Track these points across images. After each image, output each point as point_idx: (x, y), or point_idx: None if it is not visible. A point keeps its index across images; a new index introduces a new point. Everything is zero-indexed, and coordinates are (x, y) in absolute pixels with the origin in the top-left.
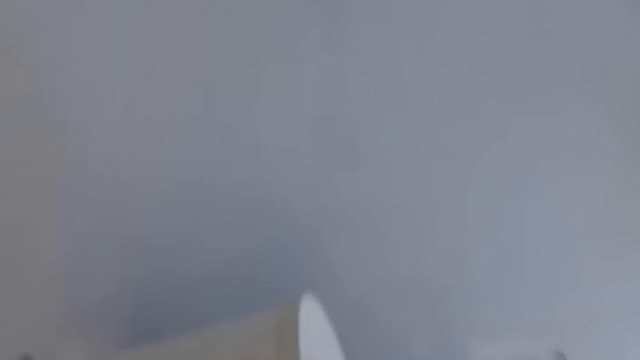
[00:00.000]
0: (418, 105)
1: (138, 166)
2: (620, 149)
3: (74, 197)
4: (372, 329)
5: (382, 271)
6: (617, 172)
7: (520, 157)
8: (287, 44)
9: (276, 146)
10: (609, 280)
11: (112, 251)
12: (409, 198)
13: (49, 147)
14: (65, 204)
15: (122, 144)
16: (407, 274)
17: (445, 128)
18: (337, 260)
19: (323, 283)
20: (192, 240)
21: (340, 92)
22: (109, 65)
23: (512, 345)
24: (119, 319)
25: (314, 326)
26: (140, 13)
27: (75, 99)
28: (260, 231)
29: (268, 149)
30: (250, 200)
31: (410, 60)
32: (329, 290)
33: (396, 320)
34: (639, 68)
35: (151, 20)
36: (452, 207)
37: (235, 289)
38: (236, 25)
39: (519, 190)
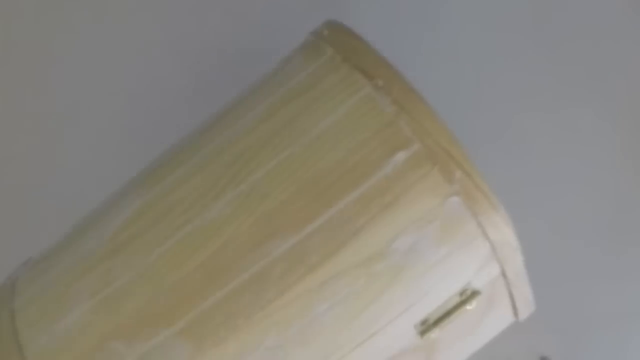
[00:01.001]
0: None
1: None
2: (620, 148)
3: None
4: None
5: None
6: (616, 171)
7: (518, 155)
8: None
9: None
10: (608, 280)
11: None
12: None
13: None
14: None
15: None
16: None
17: None
18: None
19: None
20: None
21: None
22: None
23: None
24: None
25: None
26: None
27: None
28: None
29: None
30: None
31: (410, 58)
32: None
33: None
34: (639, 68)
35: (147, 17)
36: None
37: None
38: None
39: (517, 188)
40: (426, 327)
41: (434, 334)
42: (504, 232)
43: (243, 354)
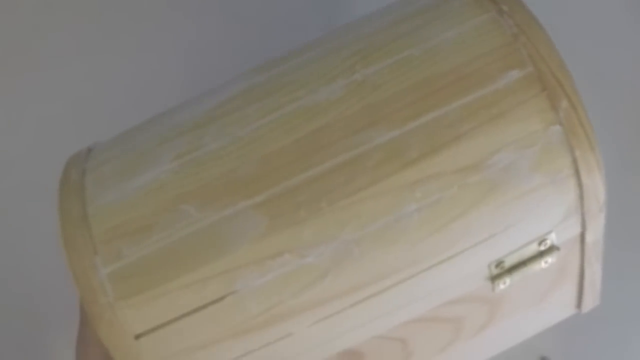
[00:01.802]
0: None
1: None
2: (619, 149)
3: None
4: None
5: None
6: (616, 171)
7: None
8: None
9: None
10: (608, 279)
11: None
12: None
13: None
14: None
15: None
16: None
17: None
18: None
19: None
20: None
21: None
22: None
23: None
24: None
25: None
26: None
27: None
28: None
29: None
30: None
31: None
32: None
33: None
34: (638, 68)
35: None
36: None
37: None
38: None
39: None
40: (500, 271)
41: (504, 284)
42: (595, 177)
43: (317, 241)
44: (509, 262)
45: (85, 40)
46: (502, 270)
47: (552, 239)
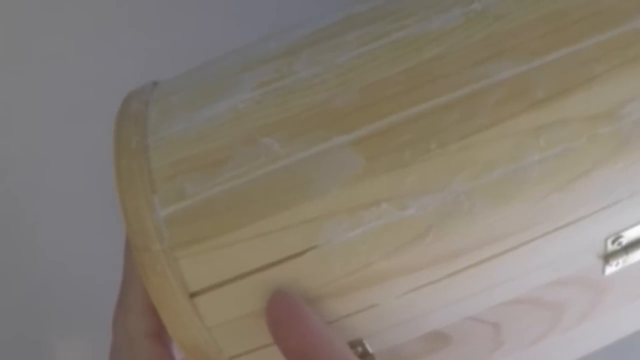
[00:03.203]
0: None
1: None
2: None
3: None
4: None
5: None
6: None
7: None
8: None
9: None
10: None
11: None
12: None
13: None
14: None
15: None
16: None
17: None
18: None
19: None
20: None
21: None
22: None
23: None
24: None
25: None
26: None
27: None
28: None
29: None
30: None
31: None
32: None
33: None
34: None
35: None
36: None
37: None
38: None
39: None
40: (616, 248)
41: (617, 266)
42: None
43: (422, 190)
44: (627, 238)
45: (85, 39)
46: (619, 248)
47: None
